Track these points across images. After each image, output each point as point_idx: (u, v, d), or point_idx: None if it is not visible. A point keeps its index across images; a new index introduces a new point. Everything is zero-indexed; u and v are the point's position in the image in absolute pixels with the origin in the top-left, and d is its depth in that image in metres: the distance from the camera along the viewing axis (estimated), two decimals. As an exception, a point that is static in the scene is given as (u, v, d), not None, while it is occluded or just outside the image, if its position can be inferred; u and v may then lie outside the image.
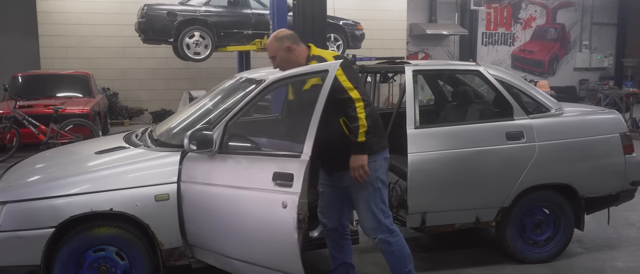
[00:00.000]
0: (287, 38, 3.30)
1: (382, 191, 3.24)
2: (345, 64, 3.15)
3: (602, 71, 20.14)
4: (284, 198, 2.97)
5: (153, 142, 3.70)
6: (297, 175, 2.97)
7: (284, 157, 3.09)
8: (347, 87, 3.06)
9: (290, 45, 3.27)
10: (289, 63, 3.29)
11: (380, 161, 3.24)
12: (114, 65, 13.40)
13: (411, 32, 16.74)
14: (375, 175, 3.19)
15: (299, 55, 3.30)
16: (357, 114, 3.02)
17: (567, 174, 4.06)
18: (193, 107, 4.23)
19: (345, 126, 3.12)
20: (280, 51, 3.28)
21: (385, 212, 3.26)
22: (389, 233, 3.27)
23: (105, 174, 3.30)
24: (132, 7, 11.73)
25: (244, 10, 11.03)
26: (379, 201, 3.23)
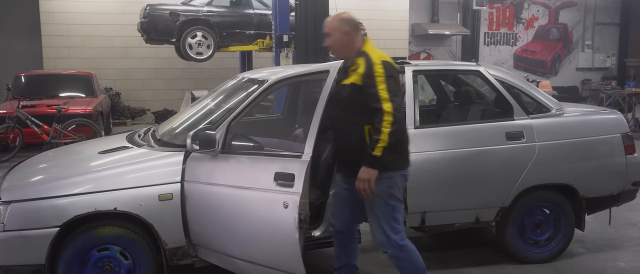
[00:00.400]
0: (349, 22, 3.22)
1: (394, 207, 3.15)
2: (390, 73, 3.04)
3: (604, 71, 20.10)
4: (285, 198, 3.00)
5: (156, 142, 3.73)
6: (298, 175, 3.00)
7: (285, 157, 3.12)
8: (382, 97, 2.97)
9: (349, 30, 3.19)
10: (340, 47, 3.22)
11: (397, 178, 3.14)
12: (116, 65, 13.43)
13: (413, 32, 16.74)
14: (389, 191, 3.11)
15: (352, 44, 3.20)
16: (382, 127, 2.94)
17: (567, 175, 4.07)
18: (195, 107, 4.26)
19: (368, 134, 3.05)
20: (337, 31, 3.20)
21: (395, 228, 3.16)
22: (399, 249, 3.18)
23: (109, 174, 3.33)
24: (134, 7, 11.77)
25: (246, 10, 11.06)
26: (390, 217, 3.14)
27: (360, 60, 3.13)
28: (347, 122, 3.15)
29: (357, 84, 3.08)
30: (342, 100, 3.19)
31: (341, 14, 3.29)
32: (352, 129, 3.11)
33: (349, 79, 3.15)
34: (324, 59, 8.57)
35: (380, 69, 3.03)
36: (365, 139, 3.06)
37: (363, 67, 3.09)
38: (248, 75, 4.14)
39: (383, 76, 3.00)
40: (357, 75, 3.10)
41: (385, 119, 2.94)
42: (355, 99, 3.11)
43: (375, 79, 3.00)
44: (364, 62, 3.10)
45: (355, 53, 3.20)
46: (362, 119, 3.07)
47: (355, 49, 3.20)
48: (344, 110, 3.19)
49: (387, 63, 3.09)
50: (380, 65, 3.04)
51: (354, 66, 3.16)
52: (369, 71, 3.04)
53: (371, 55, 3.12)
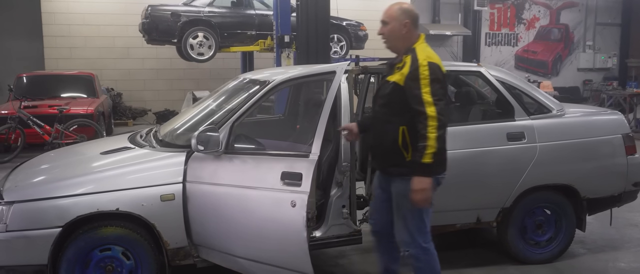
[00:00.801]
0: (409, 14, 3.09)
1: (424, 211, 3.08)
2: (435, 76, 2.92)
3: (606, 71, 20.08)
4: (293, 197, 3.02)
5: (158, 142, 3.74)
6: (305, 174, 3.02)
7: (292, 157, 3.13)
8: (425, 100, 2.85)
9: (408, 22, 3.06)
10: (395, 38, 3.09)
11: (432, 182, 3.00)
12: (118, 65, 13.46)
13: (414, 33, 16.72)
14: None
15: (407, 38, 3.08)
16: (427, 133, 2.83)
17: (568, 175, 4.07)
18: (197, 107, 4.27)
19: (402, 135, 3.00)
20: (396, 21, 3.07)
21: (421, 229, 3.10)
22: (422, 251, 3.12)
23: (111, 175, 3.34)
24: (136, 8, 11.79)
25: (247, 11, 11.07)
26: (417, 218, 3.07)
27: (407, 58, 3.02)
28: (383, 120, 3.09)
29: (399, 84, 2.99)
30: (382, 97, 3.13)
31: (402, 3, 3.13)
32: (387, 128, 3.06)
33: (393, 76, 3.06)
34: (325, 60, 8.61)
35: (425, 71, 2.91)
36: (397, 139, 3.00)
37: (408, 67, 2.98)
38: (250, 76, 4.15)
39: (428, 79, 2.89)
40: (400, 74, 3.00)
41: (430, 124, 2.83)
42: (394, 98, 3.03)
43: (419, 81, 2.89)
44: (409, 62, 2.99)
45: (405, 49, 3.08)
46: (398, 119, 3.02)
47: (407, 44, 3.08)
48: (382, 107, 3.13)
49: (433, 65, 2.96)
50: (425, 66, 2.93)
51: (400, 64, 3.06)
52: (414, 72, 2.93)
53: (419, 55, 2.99)
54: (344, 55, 11.62)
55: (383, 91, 3.14)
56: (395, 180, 3.08)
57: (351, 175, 3.70)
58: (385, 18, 3.14)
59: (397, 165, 3.04)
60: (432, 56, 3.02)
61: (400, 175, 3.02)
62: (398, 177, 3.04)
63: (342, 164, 3.62)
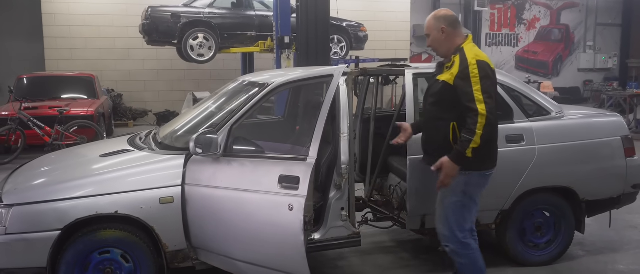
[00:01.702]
0: (444, 19, 3.22)
1: (465, 205, 3.18)
2: (485, 73, 3.03)
3: (606, 71, 20.09)
4: (291, 201, 3.03)
5: (157, 145, 3.74)
6: (303, 178, 3.03)
7: (289, 160, 3.14)
8: (477, 98, 2.97)
9: (445, 27, 3.20)
10: (439, 45, 3.24)
11: (475, 177, 3.17)
12: (118, 66, 13.48)
13: (415, 33, 16.74)
14: (463, 188, 3.16)
15: (451, 41, 3.21)
16: (475, 128, 2.95)
17: (567, 177, 4.07)
18: (196, 110, 4.28)
19: (453, 131, 3.12)
20: (434, 30, 3.24)
21: (462, 226, 3.19)
22: (461, 246, 3.21)
23: (110, 177, 3.35)
24: (136, 9, 11.82)
25: (247, 12, 11.09)
26: (459, 214, 3.18)
27: (456, 58, 3.14)
28: (435, 117, 3.22)
29: (449, 83, 3.11)
30: (433, 95, 3.26)
31: (437, 11, 3.30)
32: (438, 125, 3.18)
33: (443, 76, 3.19)
34: (326, 61, 8.61)
35: (475, 70, 3.02)
36: (449, 135, 3.13)
37: (457, 67, 3.09)
38: (249, 78, 4.16)
39: (478, 76, 3.00)
40: (450, 74, 3.12)
41: (479, 121, 2.95)
42: (444, 96, 3.15)
43: (470, 79, 3.00)
44: (458, 62, 3.10)
45: (453, 50, 3.19)
46: (449, 116, 3.14)
47: (454, 46, 3.20)
48: (433, 104, 3.26)
49: (483, 63, 3.07)
50: (474, 65, 3.04)
51: (449, 64, 3.18)
52: (464, 71, 3.04)
53: (467, 54, 3.10)
54: (344, 56, 11.62)
55: (433, 89, 3.29)
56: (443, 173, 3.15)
57: (350, 177, 3.70)
58: (425, 31, 3.32)
59: None
60: (480, 55, 3.13)
61: None
62: None
63: (341, 166, 3.62)
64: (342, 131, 3.62)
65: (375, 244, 4.69)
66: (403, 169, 4.37)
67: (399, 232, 4.78)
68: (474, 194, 3.23)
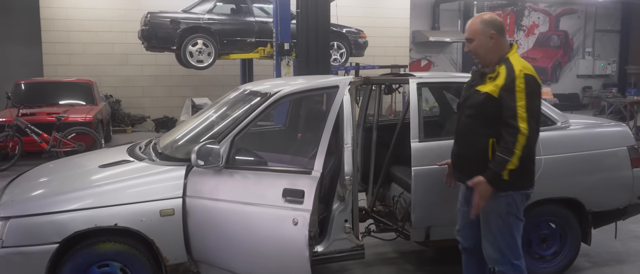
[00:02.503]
0: (494, 25, 3.01)
1: (513, 225, 3.02)
2: (532, 89, 2.84)
3: (605, 78, 20.11)
4: (295, 215, 2.96)
5: (157, 155, 3.68)
6: (308, 192, 2.96)
7: (294, 173, 3.07)
8: (520, 114, 2.79)
9: (494, 33, 2.99)
10: (486, 51, 3.01)
11: (516, 196, 3.00)
12: (116, 72, 13.42)
13: (414, 39, 16.74)
14: (507, 209, 2.99)
15: (498, 48, 3.00)
16: (515, 149, 2.78)
17: (573, 188, 4.01)
18: (196, 119, 4.21)
19: (492, 147, 2.93)
20: (481, 36, 3.00)
21: (512, 246, 3.03)
22: (512, 268, 3.05)
23: (109, 189, 3.28)
24: (135, 15, 11.77)
25: (247, 18, 11.05)
26: (507, 234, 3.01)
27: (501, 68, 2.94)
28: (472, 131, 3.02)
29: (493, 95, 2.90)
30: (472, 107, 3.02)
31: (484, 15, 3.07)
32: (475, 139, 2.99)
33: (485, 87, 2.96)
34: (326, 68, 8.57)
35: (521, 83, 2.83)
36: (487, 152, 2.93)
37: (503, 78, 2.88)
38: (250, 87, 4.10)
39: (524, 92, 2.81)
40: (494, 85, 2.91)
41: (519, 140, 2.78)
42: (486, 109, 2.93)
43: (515, 93, 2.82)
44: (504, 73, 2.90)
45: (498, 59, 2.99)
46: (488, 131, 2.94)
47: (499, 53, 3.00)
48: (471, 117, 3.03)
49: (530, 77, 2.87)
50: (522, 78, 2.84)
51: (493, 74, 2.97)
52: (510, 84, 2.85)
53: (514, 65, 2.90)
54: (344, 62, 11.58)
55: (472, 100, 3.03)
56: None
57: (353, 189, 3.64)
58: (469, 35, 3.07)
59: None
60: (528, 68, 2.92)
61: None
62: None
63: (345, 177, 3.55)
64: (345, 141, 3.56)
65: (378, 256, 4.62)
66: (406, 179, 4.31)
67: (401, 243, 4.71)
68: (518, 212, 3.05)
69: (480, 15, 3.10)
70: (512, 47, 3.06)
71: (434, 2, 17.02)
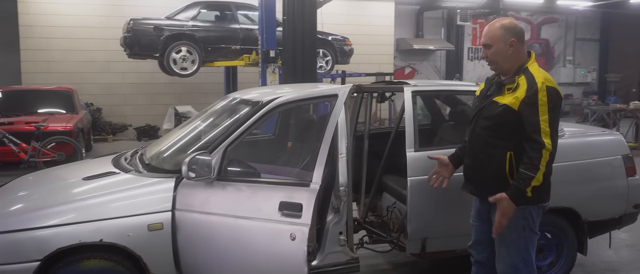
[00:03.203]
0: (514, 31, 2.87)
1: (528, 239, 2.91)
2: (554, 103, 2.72)
3: (585, 86, 20.39)
4: (293, 229, 2.83)
5: (144, 166, 3.52)
6: (306, 205, 2.83)
7: (290, 185, 2.94)
8: (543, 129, 2.68)
9: (514, 40, 2.84)
10: (504, 59, 2.87)
11: (533, 209, 2.89)
12: (97, 80, 13.18)
13: (398, 47, 16.77)
14: (523, 223, 2.88)
15: (517, 57, 2.87)
16: (539, 164, 2.67)
17: (570, 198, 3.95)
18: (184, 129, 4.07)
19: (509, 161, 2.83)
20: (501, 43, 2.85)
21: (527, 261, 2.93)
22: None
23: (94, 203, 3.12)
24: (117, 22, 11.57)
25: (231, 25, 10.92)
26: (522, 249, 2.90)
27: (521, 79, 2.80)
28: (488, 143, 2.90)
29: (513, 108, 2.76)
30: (489, 118, 2.89)
31: (503, 20, 2.92)
32: (492, 152, 2.87)
33: (504, 98, 2.83)
34: (312, 75, 8.47)
35: (544, 97, 2.71)
36: (504, 166, 2.82)
37: (523, 90, 2.75)
38: (239, 95, 3.98)
39: (546, 105, 2.69)
40: (514, 97, 2.78)
41: (544, 156, 2.67)
42: (504, 121, 2.81)
43: (538, 107, 2.70)
44: (525, 84, 2.77)
45: (516, 69, 2.87)
46: (506, 144, 2.84)
47: (518, 64, 2.87)
48: (487, 129, 2.90)
49: (553, 90, 2.74)
50: (544, 91, 2.71)
51: (513, 85, 2.82)
52: (532, 97, 2.72)
53: (536, 77, 2.77)
54: (329, 70, 11.51)
55: (489, 112, 2.89)
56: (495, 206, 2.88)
57: (348, 200, 3.53)
58: (487, 41, 2.92)
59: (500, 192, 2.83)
60: (549, 79, 2.80)
61: None
62: None
63: (339, 188, 3.44)
64: (340, 151, 3.45)
65: (371, 268, 4.52)
66: (399, 189, 4.23)
67: (394, 254, 4.60)
68: (534, 226, 2.95)
69: (500, 20, 2.94)
70: (530, 57, 2.93)
71: (417, 10, 17.08)
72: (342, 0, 14.20)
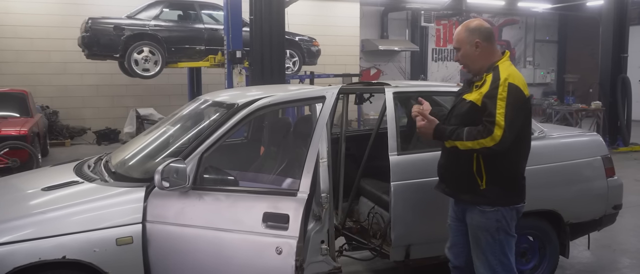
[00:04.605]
0: (479, 32, 2.86)
1: (503, 242, 2.88)
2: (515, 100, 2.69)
3: (545, 86, 20.81)
4: (279, 242, 2.62)
5: (110, 175, 3.26)
6: (293, 216, 2.63)
7: (275, 194, 2.73)
8: (497, 122, 2.64)
9: (480, 41, 2.85)
10: (473, 60, 2.88)
11: (506, 212, 2.86)
12: (53, 81, 12.60)
13: (363, 48, 16.71)
14: (496, 226, 2.85)
15: (485, 57, 2.86)
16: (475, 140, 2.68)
17: (552, 200, 3.90)
18: (153, 133, 3.82)
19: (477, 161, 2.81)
20: (467, 45, 2.87)
21: (505, 264, 2.89)
22: None
23: (55, 216, 2.84)
24: (74, 21, 11.08)
25: (196, 25, 10.60)
26: (499, 252, 2.86)
27: (487, 76, 2.80)
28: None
29: (477, 104, 2.76)
30: (458, 116, 2.89)
31: (469, 22, 2.92)
32: (460, 150, 2.80)
33: (471, 95, 2.84)
34: (281, 76, 8.27)
35: (503, 92, 2.69)
36: (472, 164, 2.81)
37: (487, 85, 2.75)
38: (211, 97, 3.75)
39: (505, 100, 2.67)
40: (479, 94, 2.77)
41: (486, 140, 2.65)
42: (470, 119, 2.79)
43: (496, 100, 2.68)
44: (490, 80, 2.76)
45: (487, 68, 2.84)
46: None
47: (488, 63, 2.85)
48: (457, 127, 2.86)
49: (514, 87, 2.71)
50: (505, 86, 2.69)
51: (480, 82, 2.83)
52: (493, 91, 2.71)
53: (501, 73, 2.76)
54: (296, 71, 11.32)
55: (458, 110, 2.91)
56: (471, 210, 2.90)
57: (330, 207, 3.35)
58: (455, 44, 2.97)
59: (470, 192, 2.86)
60: (515, 76, 2.77)
61: (475, 204, 2.86)
62: (475, 207, 2.87)
63: (321, 195, 3.25)
64: (321, 155, 3.26)
65: (350, 275, 4.36)
66: (377, 193, 4.09)
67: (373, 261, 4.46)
68: (509, 228, 2.91)
69: (467, 23, 2.95)
70: (503, 55, 2.92)
71: (382, 11, 17.07)
72: (308, 1, 14.04)
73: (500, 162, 2.81)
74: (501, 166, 2.83)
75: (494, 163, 2.80)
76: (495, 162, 2.80)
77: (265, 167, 3.73)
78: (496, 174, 2.84)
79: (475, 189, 2.85)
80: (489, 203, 2.84)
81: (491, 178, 2.84)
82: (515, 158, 2.90)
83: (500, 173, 2.85)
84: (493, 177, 2.84)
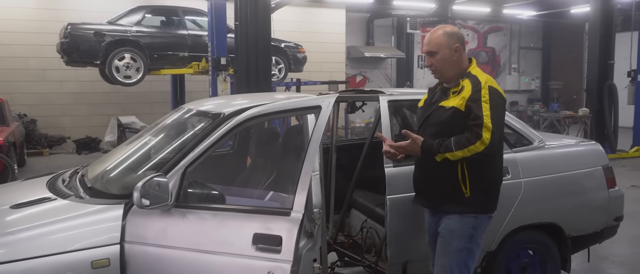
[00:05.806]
0: (457, 37, 2.85)
1: (470, 251, 2.84)
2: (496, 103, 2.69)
3: (530, 93, 20.88)
4: (271, 267, 2.41)
5: (86, 190, 3.02)
6: (287, 238, 2.41)
7: (267, 213, 2.51)
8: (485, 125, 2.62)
9: (459, 46, 2.83)
10: (450, 65, 2.83)
11: (483, 220, 2.85)
12: (31, 89, 12.23)
13: (349, 55, 16.58)
14: (471, 233, 2.82)
15: (461, 62, 2.85)
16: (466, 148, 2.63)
17: (553, 212, 3.74)
18: (132, 145, 3.58)
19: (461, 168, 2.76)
20: (446, 49, 2.82)
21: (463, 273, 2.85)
22: None
23: (25, 237, 2.60)
24: (53, 26, 10.78)
25: (179, 31, 10.36)
26: (463, 261, 2.82)
27: (465, 82, 2.77)
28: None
29: (460, 109, 2.72)
30: (437, 124, 2.81)
31: (445, 27, 2.90)
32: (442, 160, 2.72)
33: (451, 101, 2.78)
34: (267, 83, 8.08)
35: (486, 95, 2.69)
36: (456, 173, 2.75)
37: (469, 89, 2.72)
38: (195, 106, 3.53)
39: (488, 103, 2.67)
40: (461, 98, 2.73)
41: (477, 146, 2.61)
42: (454, 126, 2.73)
43: (481, 102, 2.67)
44: (469, 85, 2.74)
45: (459, 75, 2.82)
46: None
47: (460, 70, 2.84)
48: (437, 136, 2.78)
49: (494, 90, 2.74)
50: (486, 89, 2.71)
51: (458, 88, 2.78)
52: (476, 94, 2.69)
53: (479, 77, 2.78)
54: (282, 78, 11.12)
55: (437, 117, 2.83)
56: (449, 217, 2.84)
57: (322, 223, 3.14)
58: (432, 48, 2.88)
59: (455, 201, 2.80)
60: (492, 80, 2.82)
61: (459, 213, 2.81)
62: (455, 215, 2.82)
63: (313, 210, 3.04)
64: (313, 168, 3.06)
65: (342, 293, 4.14)
66: (370, 206, 3.91)
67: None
68: (479, 238, 2.88)
69: (443, 27, 2.92)
70: (471, 62, 2.91)
71: (368, 18, 16.97)
72: (293, 7, 13.86)
73: (483, 168, 2.79)
74: (483, 172, 2.81)
75: (477, 170, 2.77)
76: (478, 168, 2.77)
77: (252, 180, 3.51)
78: (479, 181, 2.80)
79: (459, 197, 2.80)
80: (472, 211, 2.82)
81: (475, 185, 2.80)
82: (499, 162, 2.91)
83: (482, 179, 2.82)
84: (476, 183, 2.80)
